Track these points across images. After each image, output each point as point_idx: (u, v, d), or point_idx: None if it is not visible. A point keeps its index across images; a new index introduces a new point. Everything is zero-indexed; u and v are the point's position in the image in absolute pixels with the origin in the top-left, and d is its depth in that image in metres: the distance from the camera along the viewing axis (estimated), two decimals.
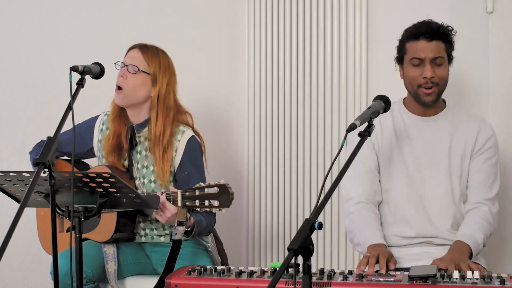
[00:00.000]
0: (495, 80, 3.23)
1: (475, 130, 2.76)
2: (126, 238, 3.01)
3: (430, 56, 2.68)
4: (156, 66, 2.97)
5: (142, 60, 2.97)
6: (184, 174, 2.95)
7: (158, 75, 2.96)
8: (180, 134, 2.97)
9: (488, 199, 2.73)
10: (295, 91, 3.64)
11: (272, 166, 3.75)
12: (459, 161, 2.74)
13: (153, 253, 3.06)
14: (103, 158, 3.05)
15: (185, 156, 2.95)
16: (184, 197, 2.64)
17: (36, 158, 2.18)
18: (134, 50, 3.01)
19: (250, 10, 3.84)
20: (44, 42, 3.55)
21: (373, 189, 2.77)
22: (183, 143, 2.96)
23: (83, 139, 3.11)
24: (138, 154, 3.00)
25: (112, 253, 2.93)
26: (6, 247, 1.92)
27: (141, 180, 2.98)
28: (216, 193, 2.59)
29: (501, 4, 3.19)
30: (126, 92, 2.96)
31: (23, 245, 3.47)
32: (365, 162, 2.77)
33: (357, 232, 2.71)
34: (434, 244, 2.71)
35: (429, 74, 2.68)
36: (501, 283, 2.14)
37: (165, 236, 3.02)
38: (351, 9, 3.46)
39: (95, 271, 2.88)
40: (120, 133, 3.01)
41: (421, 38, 2.69)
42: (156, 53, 3.00)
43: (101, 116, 3.12)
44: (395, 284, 2.18)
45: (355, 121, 2.27)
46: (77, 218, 2.38)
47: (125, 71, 2.96)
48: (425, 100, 2.72)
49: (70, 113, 2.36)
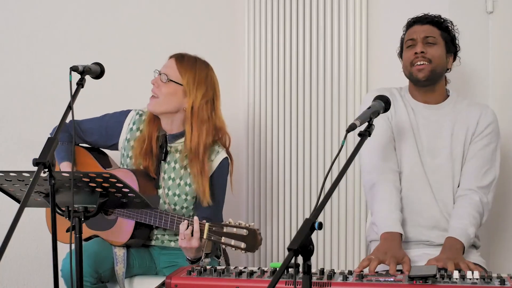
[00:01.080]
0: (495, 80, 3.23)
1: (476, 116, 2.77)
2: (139, 245, 2.99)
3: (422, 35, 2.77)
4: (189, 77, 2.91)
5: (176, 70, 2.92)
6: None
7: (191, 87, 2.91)
8: (214, 154, 2.95)
9: (481, 187, 2.71)
10: (295, 91, 3.64)
11: (272, 166, 3.75)
12: (461, 148, 2.75)
13: (161, 255, 3.03)
14: (128, 158, 3.00)
15: (214, 176, 2.94)
16: (211, 230, 2.62)
17: (36, 158, 2.18)
18: (171, 59, 2.97)
19: (250, 10, 3.84)
20: (44, 42, 3.55)
21: (395, 159, 2.78)
22: (215, 164, 2.95)
23: (108, 133, 3.05)
24: (167, 164, 2.97)
25: (122, 255, 2.92)
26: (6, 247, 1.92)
27: (165, 190, 2.94)
28: (245, 236, 2.55)
29: (501, 4, 3.19)
30: (160, 100, 2.92)
31: (23, 245, 3.47)
32: (383, 134, 2.78)
33: (376, 210, 2.71)
34: (434, 244, 2.70)
35: (419, 49, 2.75)
36: (501, 283, 2.14)
37: (175, 242, 2.99)
38: (351, 9, 3.46)
39: (107, 272, 2.87)
40: (152, 138, 2.97)
41: (415, 24, 2.83)
42: (193, 64, 2.95)
43: (132, 113, 3.06)
44: (395, 284, 2.18)
45: (355, 121, 2.27)
46: (77, 218, 2.38)
47: (158, 80, 2.93)
48: (418, 76, 2.75)
49: (70, 113, 2.36)
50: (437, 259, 2.49)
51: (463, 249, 2.56)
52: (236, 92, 3.90)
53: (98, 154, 3.11)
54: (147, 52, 3.63)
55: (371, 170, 2.78)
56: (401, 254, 2.51)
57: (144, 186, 2.87)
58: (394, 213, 2.67)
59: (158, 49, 3.40)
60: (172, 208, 2.93)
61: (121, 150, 3.05)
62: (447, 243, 2.59)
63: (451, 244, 2.57)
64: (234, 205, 3.68)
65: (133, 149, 2.98)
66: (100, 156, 3.12)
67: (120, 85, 3.55)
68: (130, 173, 2.89)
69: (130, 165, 2.99)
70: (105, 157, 3.13)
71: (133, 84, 3.57)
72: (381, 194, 2.72)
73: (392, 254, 2.48)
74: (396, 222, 2.65)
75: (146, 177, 2.93)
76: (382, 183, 2.73)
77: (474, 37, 3.20)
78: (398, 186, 2.76)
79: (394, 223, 2.64)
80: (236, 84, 3.90)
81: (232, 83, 3.89)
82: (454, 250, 2.53)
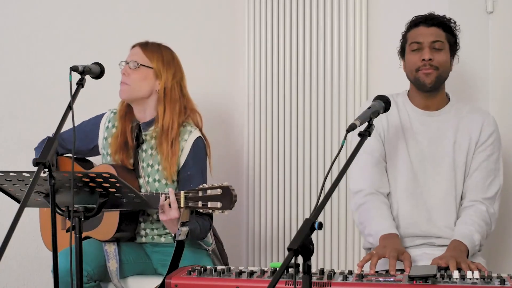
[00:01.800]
0: (495, 80, 3.23)
1: (479, 124, 2.75)
2: (128, 237, 3.01)
3: (428, 39, 2.71)
4: (158, 60, 2.98)
5: (143, 56, 2.99)
6: (186, 174, 2.94)
7: (161, 69, 2.97)
8: (187, 134, 2.97)
9: (486, 198, 2.71)
10: (295, 91, 3.64)
11: (272, 166, 3.75)
12: (464, 157, 2.73)
13: (154, 253, 3.06)
14: (108, 156, 3.04)
15: (189, 157, 2.95)
16: (187, 198, 2.64)
17: (36, 158, 2.19)
18: (135, 48, 3.03)
19: (250, 10, 3.84)
20: (44, 42, 3.55)
21: (382, 180, 2.76)
22: (189, 144, 2.96)
23: (88, 137, 3.11)
24: (143, 152, 3.00)
25: (113, 251, 2.94)
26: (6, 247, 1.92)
27: (145, 178, 2.97)
28: (219, 195, 2.58)
29: (501, 4, 3.19)
30: (130, 86, 2.97)
31: (23, 245, 3.47)
32: (372, 153, 2.75)
33: (368, 223, 2.69)
34: (435, 245, 2.70)
35: (427, 56, 2.69)
36: (501, 283, 2.14)
37: (165, 236, 3.02)
38: (351, 9, 3.46)
39: (96, 270, 2.88)
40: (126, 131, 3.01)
41: (421, 24, 2.75)
42: (158, 48, 3.02)
43: (107, 113, 3.12)
44: (395, 284, 2.18)
45: (355, 121, 2.27)
46: (77, 218, 2.38)
47: (127, 68, 2.98)
48: (425, 81, 2.72)
49: (70, 113, 2.37)
50: (440, 257, 2.49)
51: (467, 251, 2.56)
52: (236, 92, 3.90)
53: (82, 162, 3.18)
54: None
55: (358, 191, 2.77)
56: (401, 249, 2.52)
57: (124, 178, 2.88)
58: (388, 220, 2.67)
59: None
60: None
61: (101, 150, 3.10)
62: (451, 244, 2.59)
63: (455, 246, 2.57)
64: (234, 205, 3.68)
65: (110, 146, 3.03)
66: (84, 163, 3.19)
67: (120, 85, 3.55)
68: (110, 167, 2.93)
69: (110, 162, 3.04)
70: (89, 163, 3.20)
71: None
72: (372, 210, 2.71)
73: (392, 248, 2.48)
74: (392, 227, 2.65)
75: (125, 169, 2.97)
76: (370, 202, 2.72)
77: (474, 37, 3.20)
78: (387, 202, 2.75)
79: (390, 227, 2.64)
80: (236, 84, 3.90)
81: (232, 83, 3.89)
82: (458, 251, 2.54)
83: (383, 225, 2.65)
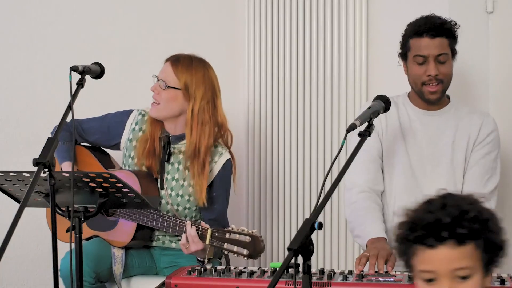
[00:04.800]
0: (495, 80, 3.23)
1: (478, 124, 2.75)
2: (141, 246, 2.99)
3: (434, 53, 2.68)
4: (187, 80, 2.90)
5: (172, 75, 2.91)
6: (212, 195, 2.93)
7: (190, 89, 2.90)
8: (217, 155, 2.95)
9: (483, 194, 2.70)
10: (295, 91, 3.64)
11: (272, 166, 3.75)
12: (463, 156, 2.73)
13: (162, 256, 3.03)
14: (130, 158, 2.99)
15: (217, 178, 2.94)
16: (214, 236, 2.61)
17: (36, 158, 2.18)
18: (166, 63, 2.96)
19: (250, 10, 3.83)
20: (44, 42, 3.55)
21: (376, 178, 2.76)
22: (219, 166, 2.95)
23: (110, 133, 3.05)
24: (170, 165, 2.96)
25: (120, 256, 2.92)
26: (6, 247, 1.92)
27: (168, 191, 2.94)
28: (247, 243, 2.53)
29: (501, 4, 3.19)
30: (161, 106, 2.93)
31: (23, 245, 3.47)
32: (369, 151, 2.75)
33: (358, 224, 2.69)
34: None
35: (433, 72, 2.68)
36: (501, 283, 2.14)
37: (176, 242, 2.99)
38: (351, 9, 3.46)
39: (105, 272, 2.88)
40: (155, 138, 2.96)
41: (425, 35, 2.69)
42: (188, 66, 2.93)
43: (134, 113, 3.06)
44: (395, 284, 2.19)
45: (355, 121, 2.27)
46: (77, 218, 2.38)
47: (157, 86, 2.93)
48: (430, 98, 2.72)
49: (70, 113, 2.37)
50: None
51: None
52: (236, 92, 3.89)
53: (100, 154, 3.10)
54: (147, 52, 3.63)
55: (352, 187, 2.77)
56: (389, 250, 2.49)
57: (147, 188, 2.87)
58: (377, 223, 2.67)
59: (158, 49, 3.40)
60: (175, 209, 2.93)
61: (123, 150, 3.05)
62: None
63: None
64: (234, 205, 3.68)
65: (135, 149, 2.98)
66: (102, 156, 3.10)
67: (120, 85, 3.55)
68: (132, 175, 2.88)
69: (132, 165, 2.99)
70: (107, 157, 3.12)
71: (133, 84, 3.57)
72: (361, 211, 2.71)
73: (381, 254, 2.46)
74: (380, 230, 2.64)
75: (148, 178, 2.93)
76: (362, 201, 2.72)
77: (474, 37, 3.19)
78: (379, 203, 2.75)
79: (379, 231, 2.63)
80: (236, 84, 3.89)
81: (232, 83, 3.89)
82: None
83: (372, 228, 2.64)
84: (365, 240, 2.61)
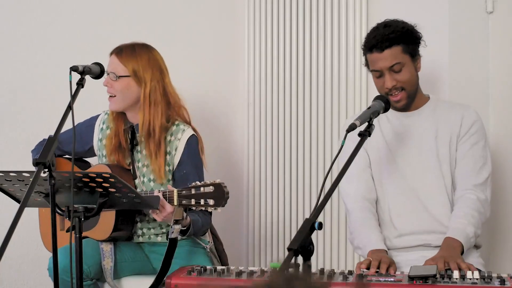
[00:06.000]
0: (495, 80, 3.22)
1: (459, 117, 2.74)
2: (125, 237, 3.01)
3: (385, 65, 2.66)
4: (134, 65, 2.95)
5: (119, 64, 2.96)
6: (182, 173, 2.95)
7: (139, 74, 2.95)
8: (180, 132, 2.97)
9: (477, 184, 2.68)
10: (295, 91, 3.64)
11: (272, 166, 3.75)
12: (447, 149, 2.72)
13: (151, 253, 3.06)
14: (104, 157, 3.05)
15: (184, 155, 2.95)
16: (180, 195, 2.65)
17: (36, 158, 2.19)
18: (111, 56, 3.00)
19: (250, 10, 3.84)
20: (44, 42, 3.55)
21: (368, 187, 2.76)
22: (183, 142, 2.96)
23: (83, 138, 3.11)
24: (138, 153, 3.00)
25: (109, 250, 2.94)
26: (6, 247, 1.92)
27: (141, 178, 2.98)
28: (212, 192, 2.59)
29: (501, 4, 3.19)
30: (118, 98, 2.96)
31: (23, 245, 3.47)
32: (356, 161, 2.75)
33: (357, 235, 2.70)
34: (431, 246, 2.70)
35: (389, 84, 2.67)
36: (501, 283, 2.14)
37: (162, 236, 3.02)
38: (351, 9, 3.46)
39: (92, 268, 2.89)
40: (120, 132, 3.01)
41: (374, 50, 2.69)
42: (132, 53, 2.98)
43: (101, 115, 3.13)
44: (395, 284, 2.19)
45: (355, 121, 2.27)
46: (77, 218, 2.38)
47: (108, 80, 2.96)
48: (397, 106, 2.73)
49: (70, 113, 2.37)
50: (432, 259, 2.48)
51: (461, 247, 2.54)
52: (236, 92, 3.89)
53: (80, 163, 3.18)
54: None
55: (345, 197, 2.81)
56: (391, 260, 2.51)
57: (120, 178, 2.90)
58: (375, 233, 2.67)
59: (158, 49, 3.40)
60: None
61: (97, 151, 3.11)
62: (444, 243, 2.58)
63: (448, 243, 2.56)
64: (234, 205, 3.68)
65: (105, 147, 3.03)
66: (82, 164, 3.19)
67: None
68: (105, 167, 2.94)
69: (106, 163, 3.04)
70: (87, 164, 3.20)
71: None
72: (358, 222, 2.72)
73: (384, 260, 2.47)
74: (379, 241, 2.65)
75: (121, 169, 2.98)
76: (358, 212, 2.74)
77: (474, 37, 3.20)
78: (374, 212, 2.75)
79: (378, 242, 2.64)
80: (236, 84, 3.90)
81: (232, 83, 3.89)
82: (451, 249, 2.52)
83: (371, 239, 2.65)
84: (366, 251, 2.62)
